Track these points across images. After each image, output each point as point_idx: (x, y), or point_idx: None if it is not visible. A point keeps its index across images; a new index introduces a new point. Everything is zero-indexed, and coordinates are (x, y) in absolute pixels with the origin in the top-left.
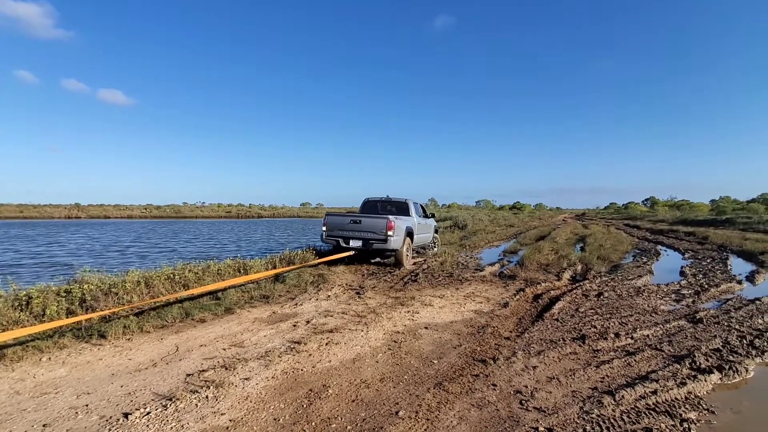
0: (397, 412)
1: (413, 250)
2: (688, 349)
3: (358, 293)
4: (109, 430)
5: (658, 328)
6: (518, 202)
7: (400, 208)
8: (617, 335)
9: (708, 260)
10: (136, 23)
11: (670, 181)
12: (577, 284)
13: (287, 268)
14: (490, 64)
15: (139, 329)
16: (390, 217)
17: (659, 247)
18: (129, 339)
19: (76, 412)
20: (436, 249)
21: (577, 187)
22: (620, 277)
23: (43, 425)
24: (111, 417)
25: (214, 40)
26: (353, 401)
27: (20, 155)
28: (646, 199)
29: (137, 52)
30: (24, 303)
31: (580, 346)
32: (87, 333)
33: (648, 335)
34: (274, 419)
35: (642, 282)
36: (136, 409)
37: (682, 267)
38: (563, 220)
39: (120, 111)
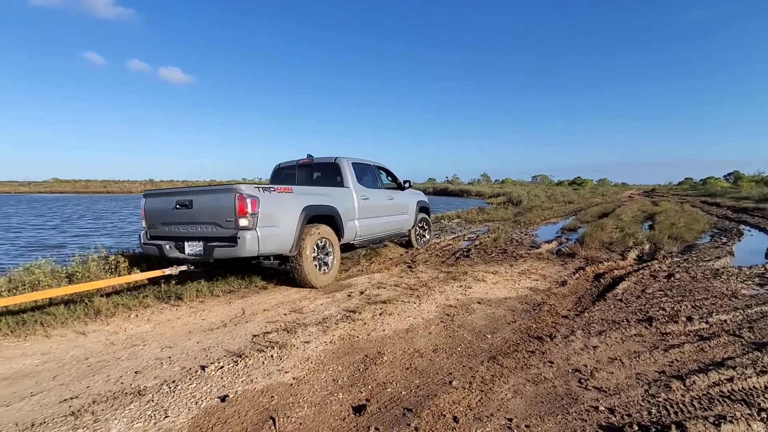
0: (450, 382)
1: (358, 244)
2: None
3: (409, 267)
4: (190, 379)
5: (737, 313)
6: (579, 177)
7: (328, 175)
8: (689, 319)
9: None
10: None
11: (759, 153)
12: (644, 264)
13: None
14: (555, 36)
15: (210, 293)
16: (243, 188)
17: (742, 226)
18: (202, 301)
19: (161, 363)
20: (428, 237)
21: (645, 161)
22: (695, 258)
23: (135, 372)
24: (190, 368)
25: (264, 15)
26: (407, 369)
27: (95, 134)
28: (729, 174)
29: (192, 28)
30: (113, 267)
31: (646, 328)
32: (166, 295)
33: (725, 320)
34: (333, 380)
35: (720, 264)
36: (211, 363)
37: None
38: (629, 196)
39: (180, 89)
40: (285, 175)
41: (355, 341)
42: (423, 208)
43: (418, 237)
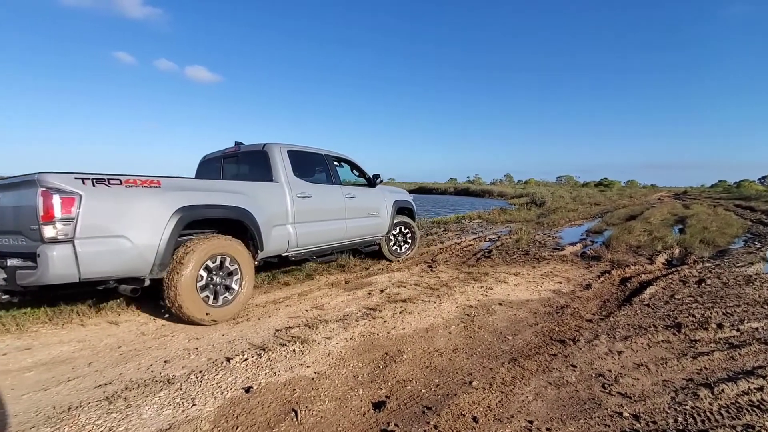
0: (470, 382)
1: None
2: None
3: (430, 266)
4: (216, 369)
5: None
6: (605, 178)
7: (256, 167)
8: (720, 326)
9: None
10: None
11: None
12: (673, 269)
13: None
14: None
15: None
16: (52, 178)
17: None
18: None
19: (189, 353)
20: (408, 251)
21: (676, 162)
22: (727, 264)
23: (164, 361)
24: (216, 359)
25: (286, 14)
26: (427, 367)
27: (127, 131)
28: (763, 177)
29: (217, 27)
30: None
31: (674, 334)
32: None
33: (757, 328)
34: (354, 376)
35: (753, 270)
36: (236, 355)
37: None
38: (659, 199)
39: (206, 88)
40: (210, 169)
41: (375, 339)
42: (403, 210)
43: (396, 247)
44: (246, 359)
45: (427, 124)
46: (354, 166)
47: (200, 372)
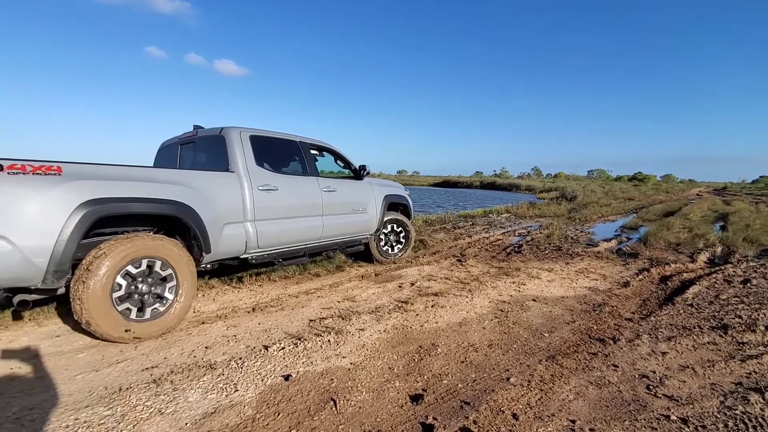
0: (507, 379)
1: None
2: None
3: (459, 260)
4: (255, 357)
5: None
6: (640, 172)
7: (213, 154)
8: None
9: None
10: None
11: None
12: (716, 268)
13: None
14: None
15: (268, 278)
16: None
17: None
18: (260, 285)
19: (228, 340)
20: (400, 253)
21: (715, 156)
22: None
23: (206, 347)
24: (255, 347)
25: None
26: (462, 362)
27: (159, 125)
28: None
29: (243, 19)
30: None
31: (720, 336)
32: (228, 278)
33: None
34: (389, 368)
35: None
36: (273, 344)
37: None
38: (697, 194)
39: (235, 81)
40: (168, 156)
41: (409, 331)
42: (395, 206)
43: (387, 247)
44: (283, 348)
45: (453, 118)
46: (337, 156)
47: (240, 359)
